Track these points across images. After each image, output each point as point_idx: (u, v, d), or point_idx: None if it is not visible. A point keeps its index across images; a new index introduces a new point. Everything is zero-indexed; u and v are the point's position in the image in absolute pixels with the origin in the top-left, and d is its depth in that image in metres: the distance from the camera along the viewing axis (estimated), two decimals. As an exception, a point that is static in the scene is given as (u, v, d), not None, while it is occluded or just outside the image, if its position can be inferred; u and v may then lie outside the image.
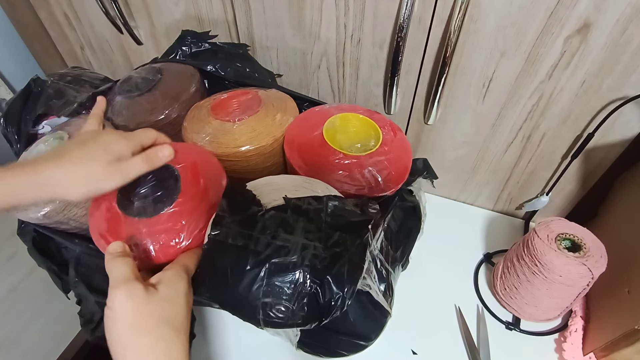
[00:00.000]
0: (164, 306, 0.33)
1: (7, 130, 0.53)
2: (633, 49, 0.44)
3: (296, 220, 0.36)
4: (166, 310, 0.33)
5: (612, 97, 0.49)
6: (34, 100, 0.54)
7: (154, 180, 0.42)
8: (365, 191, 0.45)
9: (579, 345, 0.52)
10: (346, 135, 0.51)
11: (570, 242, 0.50)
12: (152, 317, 0.32)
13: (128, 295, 0.32)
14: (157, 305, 0.33)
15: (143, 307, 0.32)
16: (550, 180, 0.62)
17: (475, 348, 0.54)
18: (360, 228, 0.37)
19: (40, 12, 0.86)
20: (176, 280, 0.35)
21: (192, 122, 0.52)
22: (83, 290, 0.46)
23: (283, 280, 0.34)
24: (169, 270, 0.36)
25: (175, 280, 0.35)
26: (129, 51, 0.84)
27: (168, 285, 0.34)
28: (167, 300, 0.33)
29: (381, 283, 0.44)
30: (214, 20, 0.67)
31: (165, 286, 0.34)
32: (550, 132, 0.56)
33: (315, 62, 0.63)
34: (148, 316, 0.32)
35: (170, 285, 0.34)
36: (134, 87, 0.55)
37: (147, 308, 0.32)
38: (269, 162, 0.51)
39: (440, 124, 0.62)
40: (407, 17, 0.49)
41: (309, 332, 0.43)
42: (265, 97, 0.54)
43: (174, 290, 0.34)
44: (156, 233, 0.39)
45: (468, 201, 0.74)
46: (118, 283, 0.32)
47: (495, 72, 0.52)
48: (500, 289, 0.57)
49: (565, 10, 0.44)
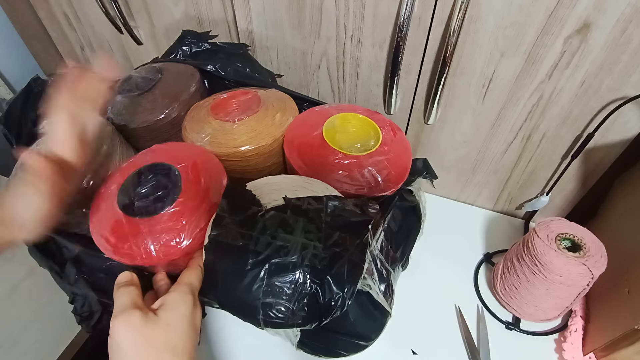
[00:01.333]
0: (164, 332, 0.33)
1: (7, 130, 0.53)
2: (633, 49, 0.44)
3: (296, 220, 0.36)
4: (167, 336, 0.33)
5: (612, 97, 0.49)
6: (35, 100, 0.54)
7: (155, 180, 0.42)
8: (365, 191, 0.45)
9: (579, 345, 0.52)
10: (346, 135, 0.51)
11: (570, 242, 0.50)
12: (152, 344, 0.32)
13: (126, 325, 0.32)
14: (156, 331, 0.32)
15: (142, 335, 0.32)
16: (550, 180, 0.62)
17: (475, 348, 0.54)
18: (360, 228, 0.37)
19: (40, 12, 0.86)
20: (178, 304, 0.35)
21: (191, 122, 0.52)
22: (83, 289, 0.46)
23: (283, 281, 0.34)
24: (172, 292, 0.36)
25: (178, 303, 0.35)
26: (129, 51, 0.84)
27: (169, 310, 0.34)
28: (168, 325, 0.33)
29: (381, 283, 0.44)
30: (214, 20, 0.67)
31: (166, 311, 0.34)
32: (550, 132, 0.56)
33: (315, 62, 0.63)
34: (147, 344, 0.32)
35: (172, 310, 0.34)
36: (134, 87, 0.55)
37: (146, 335, 0.32)
38: (268, 162, 0.51)
39: (440, 124, 0.62)
40: (407, 17, 0.49)
41: (309, 332, 0.43)
42: (264, 97, 0.54)
43: (176, 314, 0.34)
44: (157, 233, 0.39)
45: (468, 201, 0.74)
46: (117, 313, 0.33)
47: (495, 72, 0.52)
48: (500, 289, 0.57)
49: (565, 10, 0.43)
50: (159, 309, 0.34)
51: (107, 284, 0.46)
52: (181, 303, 0.35)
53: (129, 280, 0.36)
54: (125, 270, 0.38)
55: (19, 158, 0.43)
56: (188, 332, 0.34)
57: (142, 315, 0.33)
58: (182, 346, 0.33)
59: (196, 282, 0.37)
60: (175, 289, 0.36)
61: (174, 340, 0.33)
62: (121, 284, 0.36)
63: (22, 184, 0.35)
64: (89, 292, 0.46)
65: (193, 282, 0.37)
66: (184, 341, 0.33)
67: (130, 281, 0.36)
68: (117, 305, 0.34)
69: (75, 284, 0.46)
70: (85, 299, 0.47)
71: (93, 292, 0.46)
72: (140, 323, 0.32)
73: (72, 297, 0.48)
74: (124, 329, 0.32)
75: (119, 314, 0.33)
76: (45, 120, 0.38)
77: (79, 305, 0.48)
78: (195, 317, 0.35)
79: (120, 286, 0.36)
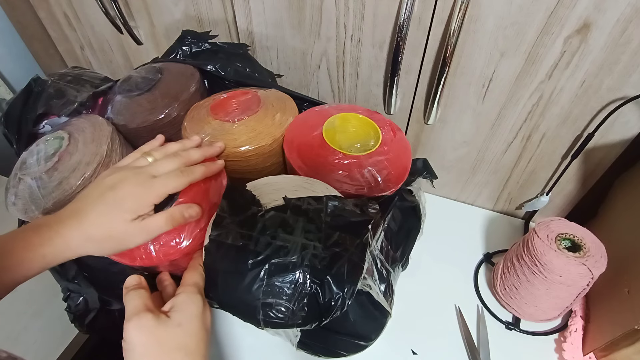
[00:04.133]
0: (176, 333, 0.33)
1: (7, 130, 0.53)
2: (633, 49, 0.44)
3: (296, 221, 0.36)
4: (179, 337, 0.33)
5: (612, 97, 0.49)
6: (35, 100, 0.54)
7: None
8: (364, 191, 0.45)
9: (578, 345, 0.52)
10: (346, 135, 0.51)
11: (570, 242, 0.50)
12: (165, 346, 0.32)
13: (139, 327, 0.33)
14: (169, 333, 0.33)
15: (154, 337, 0.32)
16: (550, 180, 0.62)
17: (475, 348, 0.54)
18: (360, 228, 0.37)
19: (40, 12, 0.86)
20: (188, 304, 0.35)
21: (191, 122, 0.52)
22: (83, 286, 0.46)
23: (283, 281, 0.34)
24: (181, 294, 0.36)
25: (187, 303, 0.35)
26: (129, 51, 0.84)
27: (180, 311, 0.35)
28: (179, 326, 0.34)
29: (381, 283, 0.44)
30: (214, 20, 0.67)
31: (177, 312, 0.34)
32: (550, 132, 0.56)
33: (315, 62, 0.63)
34: (160, 345, 0.32)
35: (182, 310, 0.35)
36: (134, 87, 0.55)
37: (158, 337, 0.33)
38: (268, 162, 0.51)
39: (440, 124, 0.62)
40: (407, 17, 0.49)
41: (309, 333, 0.43)
42: (264, 97, 0.54)
43: (187, 314, 0.35)
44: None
45: (468, 201, 0.74)
46: (130, 316, 0.33)
47: (495, 72, 0.52)
48: (500, 289, 0.57)
49: (565, 10, 0.43)
50: (170, 310, 0.35)
51: (107, 282, 0.46)
52: (190, 304, 0.35)
53: (138, 283, 0.37)
54: (128, 271, 0.38)
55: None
56: (199, 333, 0.34)
57: (154, 317, 0.33)
58: (194, 346, 0.34)
59: (201, 281, 0.38)
60: (183, 290, 0.36)
61: (186, 341, 0.33)
62: (131, 287, 0.36)
63: None
64: (90, 289, 0.46)
65: (198, 282, 0.37)
66: (196, 341, 0.34)
67: (140, 284, 0.37)
68: (129, 309, 0.34)
69: (74, 281, 0.46)
70: (82, 296, 0.47)
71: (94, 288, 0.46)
72: (152, 325, 0.33)
73: (66, 293, 0.48)
74: (137, 331, 0.33)
75: (132, 317, 0.33)
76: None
77: (73, 303, 0.48)
78: (205, 317, 0.36)
79: (130, 289, 0.36)
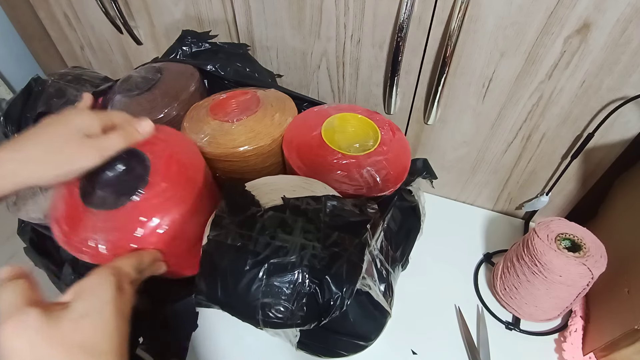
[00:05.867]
0: (77, 327, 0.26)
1: (7, 129, 0.53)
2: (633, 49, 0.44)
3: (295, 221, 0.36)
4: (81, 331, 0.26)
5: (612, 97, 0.49)
6: (35, 99, 0.54)
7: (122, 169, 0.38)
8: (363, 191, 0.45)
9: (578, 345, 0.52)
10: (345, 135, 0.51)
11: (570, 242, 0.50)
12: (59, 346, 0.25)
13: (18, 329, 0.25)
14: (65, 329, 0.26)
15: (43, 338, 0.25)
16: (550, 180, 0.62)
17: (475, 348, 0.54)
18: (359, 228, 0.37)
19: (40, 12, 0.86)
20: (97, 288, 0.29)
21: (191, 122, 0.52)
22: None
23: (282, 281, 0.34)
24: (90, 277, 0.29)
25: (96, 288, 0.29)
26: (129, 51, 0.84)
27: (84, 299, 0.28)
28: (83, 317, 0.27)
29: (381, 283, 0.44)
30: (214, 20, 0.67)
31: (81, 300, 0.28)
32: (550, 132, 0.56)
33: (315, 62, 0.63)
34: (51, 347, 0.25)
35: (89, 297, 0.28)
36: (133, 86, 0.55)
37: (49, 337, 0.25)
38: (267, 162, 0.51)
39: (440, 124, 0.62)
40: (407, 17, 0.49)
41: (308, 333, 0.43)
42: (264, 97, 0.54)
43: (94, 301, 0.28)
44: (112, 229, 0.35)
45: (468, 201, 0.74)
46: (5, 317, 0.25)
47: (495, 72, 0.52)
48: (500, 289, 0.57)
49: (565, 10, 0.43)
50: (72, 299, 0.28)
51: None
52: (100, 287, 0.29)
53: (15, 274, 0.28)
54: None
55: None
56: (111, 322, 0.28)
57: (41, 312, 0.26)
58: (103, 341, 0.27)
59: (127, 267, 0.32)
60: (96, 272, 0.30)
61: (92, 336, 0.27)
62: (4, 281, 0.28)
63: None
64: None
65: (121, 266, 0.31)
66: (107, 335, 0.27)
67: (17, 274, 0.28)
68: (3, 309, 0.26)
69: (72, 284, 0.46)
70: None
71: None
72: (38, 323, 0.25)
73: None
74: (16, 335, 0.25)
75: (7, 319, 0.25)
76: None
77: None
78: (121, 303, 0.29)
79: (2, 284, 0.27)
